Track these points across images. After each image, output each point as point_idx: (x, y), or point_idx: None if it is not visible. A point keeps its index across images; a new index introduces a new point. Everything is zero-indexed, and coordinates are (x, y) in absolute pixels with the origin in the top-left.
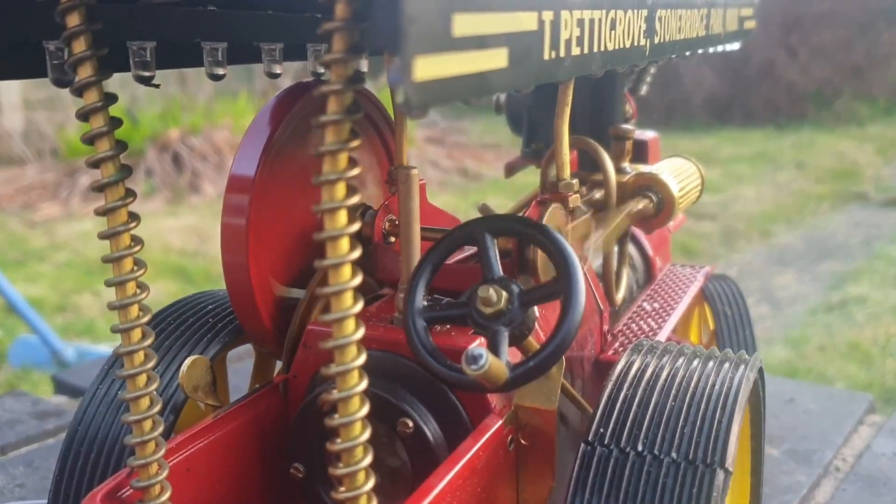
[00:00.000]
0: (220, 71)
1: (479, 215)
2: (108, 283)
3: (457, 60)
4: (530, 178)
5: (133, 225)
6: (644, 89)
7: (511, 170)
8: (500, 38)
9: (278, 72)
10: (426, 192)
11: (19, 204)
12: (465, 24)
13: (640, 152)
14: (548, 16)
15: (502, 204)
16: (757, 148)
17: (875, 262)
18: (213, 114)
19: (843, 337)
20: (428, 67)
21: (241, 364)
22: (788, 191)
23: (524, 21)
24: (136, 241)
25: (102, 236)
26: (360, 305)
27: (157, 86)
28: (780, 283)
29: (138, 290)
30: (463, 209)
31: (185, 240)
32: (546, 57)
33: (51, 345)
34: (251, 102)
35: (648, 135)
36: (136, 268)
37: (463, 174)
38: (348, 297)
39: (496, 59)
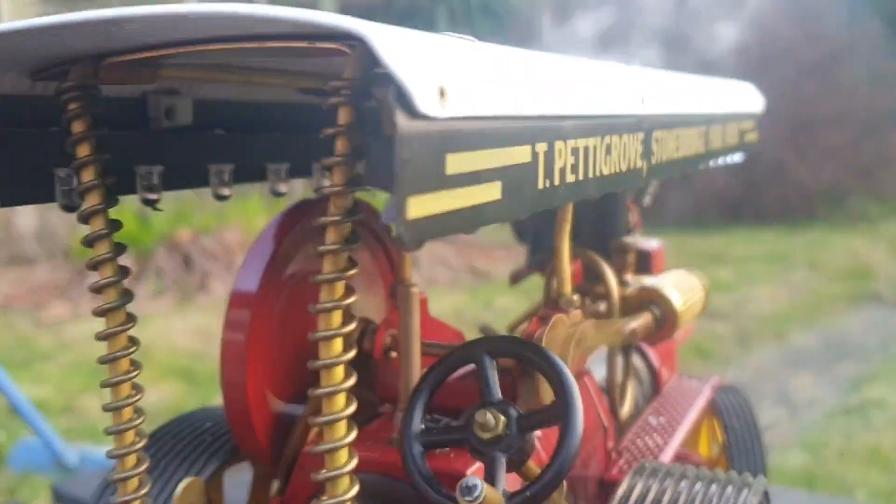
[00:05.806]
0: (226, 192)
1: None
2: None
3: (450, 197)
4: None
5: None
6: (647, 200)
7: (516, 278)
8: (494, 172)
9: (283, 191)
10: (427, 306)
11: (29, 304)
12: (458, 162)
13: (645, 262)
14: (541, 147)
15: (511, 305)
16: (769, 247)
17: (893, 364)
18: (224, 214)
19: (862, 441)
20: (421, 206)
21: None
22: (802, 290)
23: (518, 154)
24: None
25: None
26: (353, 435)
27: (160, 209)
28: (796, 385)
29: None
30: (472, 308)
31: (193, 341)
32: (540, 186)
33: (53, 448)
34: (263, 201)
35: (653, 244)
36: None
37: (472, 273)
38: (341, 427)
39: (489, 192)
